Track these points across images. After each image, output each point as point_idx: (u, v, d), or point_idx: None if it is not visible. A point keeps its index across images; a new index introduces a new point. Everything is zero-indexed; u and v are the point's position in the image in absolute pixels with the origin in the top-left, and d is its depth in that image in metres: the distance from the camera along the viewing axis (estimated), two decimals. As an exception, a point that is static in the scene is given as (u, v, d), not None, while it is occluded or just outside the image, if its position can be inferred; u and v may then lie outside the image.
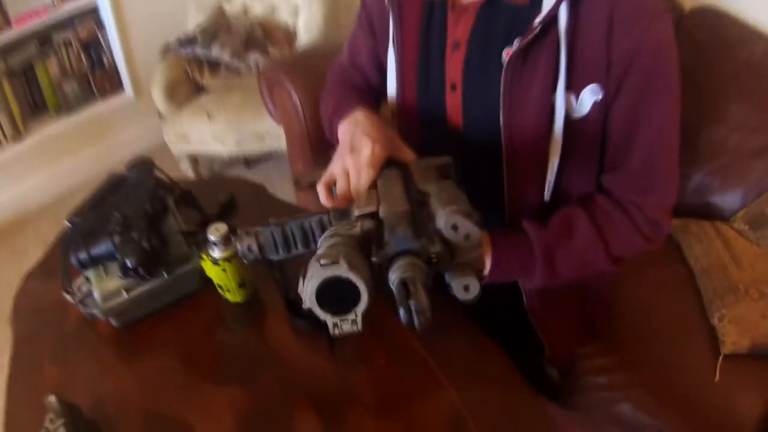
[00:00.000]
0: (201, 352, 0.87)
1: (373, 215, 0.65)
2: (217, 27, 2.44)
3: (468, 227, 0.57)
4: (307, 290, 0.54)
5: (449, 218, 0.57)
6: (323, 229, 0.70)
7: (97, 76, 2.75)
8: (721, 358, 1.22)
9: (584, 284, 1.09)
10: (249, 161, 2.87)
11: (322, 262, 0.53)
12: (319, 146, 1.82)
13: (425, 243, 0.56)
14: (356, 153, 0.82)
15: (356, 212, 0.66)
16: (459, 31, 0.92)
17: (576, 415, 1.27)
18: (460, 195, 0.64)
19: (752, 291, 1.31)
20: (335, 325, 0.57)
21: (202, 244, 0.87)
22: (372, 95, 1.14)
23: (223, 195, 1.13)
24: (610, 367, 1.21)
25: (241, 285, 0.90)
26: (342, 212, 0.72)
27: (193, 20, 2.57)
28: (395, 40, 0.99)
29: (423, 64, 0.98)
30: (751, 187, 1.53)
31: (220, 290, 0.91)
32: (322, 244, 0.61)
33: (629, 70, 0.81)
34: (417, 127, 1.03)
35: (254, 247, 0.74)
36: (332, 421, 0.77)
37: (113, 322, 0.87)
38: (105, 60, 2.75)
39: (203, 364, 0.85)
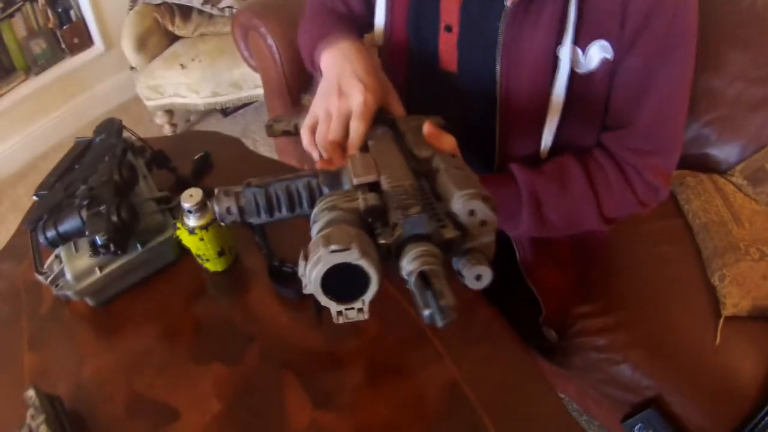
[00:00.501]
0: (182, 328, 0.82)
1: (373, 186, 0.59)
2: (188, -29, 2.30)
3: (486, 213, 0.52)
4: (312, 276, 0.49)
5: (467, 203, 0.52)
6: (311, 193, 0.64)
7: (66, 32, 2.60)
8: (722, 320, 1.21)
9: (579, 239, 1.07)
10: (226, 111, 2.78)
11: (333, 248, 0.48)
12: (298, 92, 1.76)
13: (438, 227, 0.51)
14: (344, 98, 0.75)
15: (354, 180, 0.59)
16: None
17: (574, 375, 1.28)
18: (471, 173, 0.58)
19: (752, 250, 1.29)
20: (339, 312, 0.52)
21: (177, 211, 0.82)
22: (356, 25, 1.05)
23: (198, 152, 1.07)
24: (608, 327, 1.20)
25: (221, 253, 0.85)
26: (332, 176, 0.65)
27: (162, -34, 2.42)
28: None
29: (416, 1, 0.91)
30: (750, 140, 1.50)
31: (198, 260, 0.86)
32: (319, 216, 0.55)
33: (647, 25, 0.76)
34: (405, 66, 0.98)
35: (234, 210, 0.66)
36: (323, 397, 0.74)
37: (89, 301, 0.82)
38: (72, 14, 2.60)
39: (185, 342, 0.80)
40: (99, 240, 0.70)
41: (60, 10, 2.55)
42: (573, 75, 0.81)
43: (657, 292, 1.27)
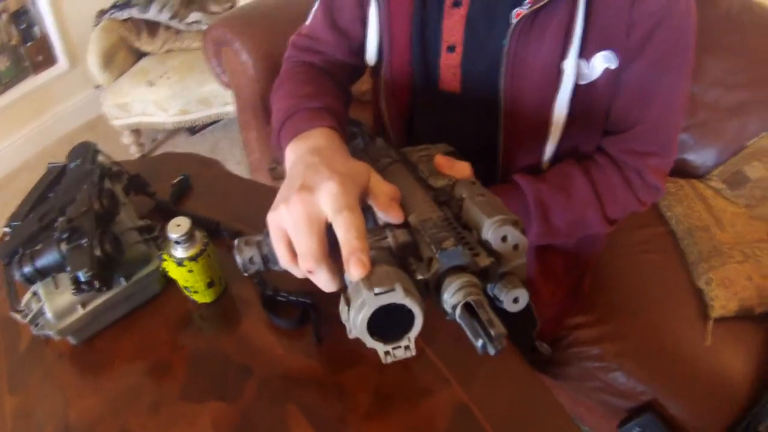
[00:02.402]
0: (172, 363, 0.76)
1: (401, 223, 0.57)
2: (154, -14, 2.24)
3: (518, 237, 0.52)
4: (358, 321, 0.48)
5: (499, 229, 0.52)
6: (331, 235, 0.58)
7: (29, 49, 2.51)
8: (711, 322, 1.22)
9: (572, 252, 1.07)
10: (194, 129, 2.71)
11: (377, 290, 0.47)
12: (271, 110, 1.70)
13: (473, 256, 0.50)
14: (309, 192, 0.54)
15: (380, 219, 0.58)
16: None
17: (568, 385, 1.26)
18: (495, 198, 0.57)
19: (736, 253, 1.31)
20: (387, 353, 0.51)
21: (162, 241, 0.76)
22: (347, 73, 1.02)
23: (175, 175, 1.01)
24: (601, 336, 1.21)
25: (211, 284, 0.79)
26: None
27: (128, -20, 2.36)
28: None
29: (418, 22, 0.88)
30: (727, 144, 1.53)
31: (186, 292, 0.80)
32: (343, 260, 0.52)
33: (653, 34, 0.76)
34: (408, 88, 0.94)
35: (257, 259, 0.64)
36: (329, 429, 0.69)
37: (71, 340, 0.75)
38: (37, 30, 2.50)
39: (177, 378, 0.74)
40: (82, 276, 0.64)
41: (24, 26, 2.46)
42: (576, 86, 0.81)
43: (646, 299, 1.29)
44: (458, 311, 0.48)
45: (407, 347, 0.52)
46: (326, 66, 0.99)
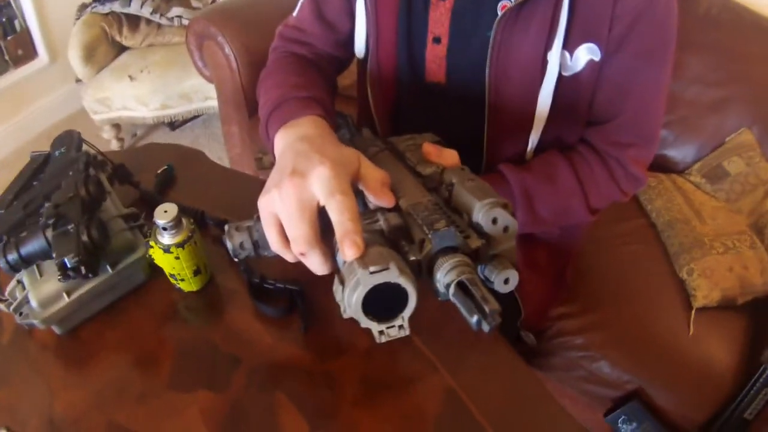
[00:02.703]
0: (159, 353, 0.75)
1: (392, 207, 0.58)
2: (136, -21, 2.21)
3: (507, 219, 0.53)
4: (353, 300, 0.48)
5: (489, 212, 0.53)
6: (324, 217, 0.58)
7: (10, 43, 2.45)
8: (693, 312, 1.24)
9: (554, 244, 1.08)
10: (174, 124, 2.68)
11: (372, 269, 0.47)
12: (255, 105, 1.66)
13: (464, 238, 0.51)
14: (300, 177, 0.54)
15: (370, 203, 0.58)
16: None
17: (553, 376, 1.27)
18: (484, 183, 0.58)
19: (717, 244, 1.34)
20: (381, 332, 0.52)
21: (146, 229, 0.75)
22: (333, 65, 1.02)
23: (159, 166, 1.00)
24: (585, 326, 1.23)
25: (197, 272, 0.78)
26: None
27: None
28: None
29: (405, 14, 0.88)
30: (706, 139, 1.57)
31: (172, 280, 0.78)
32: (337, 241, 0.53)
33: (635, 28, 0.78)
34: (394, 79, 0.94)
35: (248, 245, 0.64)
36: (320, 418, 0.68)
37: (56, 329, 0.74)
38: (17, 24, 2.44)
39: (164, 368, 0.73)
40: (69, 262, 0.62)
41: (4, 19, 2.40)
42: (560, 78, 0.82)
43: (629, 289, 1.31)
44: (452, 289, 0.49)
45: (401, 326, 0.52)
46: (313, 57, 0.99)
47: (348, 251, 0.49)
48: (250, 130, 1.72)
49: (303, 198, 0.53)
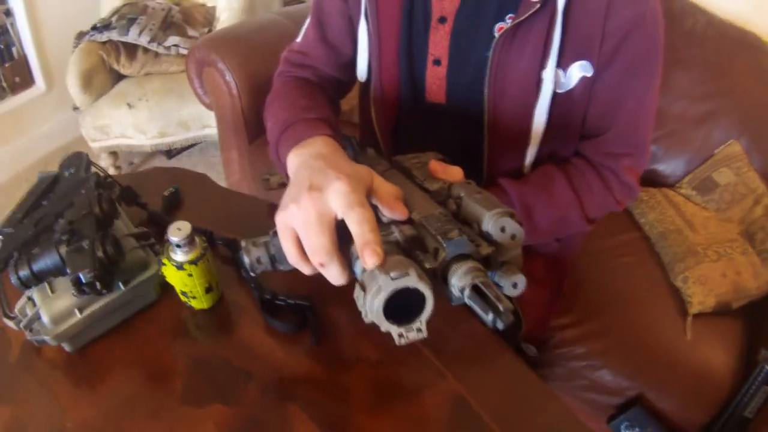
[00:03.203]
0: (172, 370, 0.74)
1: (407, 219, 0.60)
2: (134, 10, 2.24)
3: (515, 228, 0.56)
4: (375, 305, 0.50)
5: (498, 221, 0.56)
6: (338, 232, 0.61)
7: (7, 70, 2.45)
8: (690, 318, 1.25)
9: (551, 256, 1.10)
10: (171, 152, 2.69)
11: (393, 275, 0.50)
12: (255, 131, 1.70)
13: (476, 246, 0.54)
14: (318, 192, 0.56)
15: (383, 217, 0.60)
16: (446, 4, 0.87)
17: (555, 385, 1.27)
18: (491, 195, 0.62)
19: (710, 252, 1.36)
20: (400, 335, 0.54)
21: (159, 246, 0.75)
22: (336, 88, 1.04)
23: (165, 189, 1.00)
24: (585, 336, 1.24)
25: (209, 289, 0.78)
26: None
27: (108, 5, 2.35)
28: (371, 12, 0.90)
29: (406, 38, 0.90)
30: (694, 153, 1.59)
31: (183, 298, 0.78)
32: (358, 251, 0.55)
33: (625, 43, 0.80)
34: (396, 100, 0.96)
35: (264, 259, 0.64)
36: (333, 427, 0.68)
37: (66, 347, 0.73)
38: (15, 52, 2.45)
39: (177, 384, 0.72)
40: (84, 277, 0.62)
41: (1, 46, 2.40)
42: (554, 95, 0.84)
43: (626, 298, 1.32)
44: (467, 292, 0.51)
45: (419, 330, 0.54)
46: (317, 80, 1.01)
47: (369, 260, 0.51)
48: (250, 156, 1.72)
49: (322, 211, 0.54)
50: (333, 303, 0.82)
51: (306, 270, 0.59)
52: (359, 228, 0.52)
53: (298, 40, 1.04)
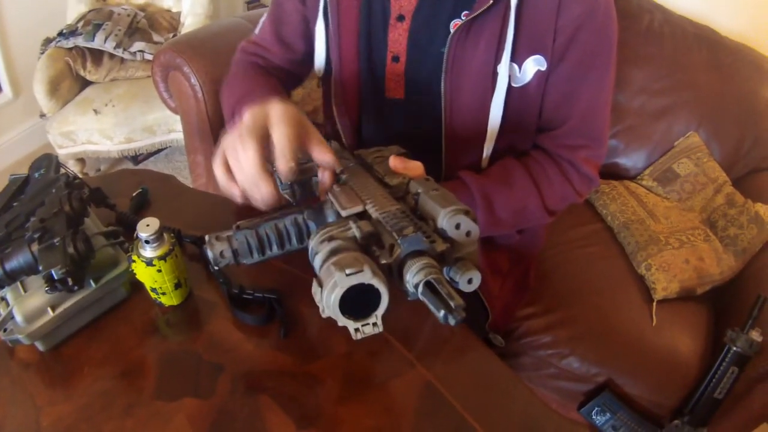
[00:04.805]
0: (144, 365, 0.76)
1: (361, 215, 0.63)
2: (100, 16, 2.23)
3: (470, 225, 0.58)
4: (331, 300, 0.53)
5: (452, 218, 0.58)
6: (298, 229, 0.68)
7: None
8: (654, 303, 1.30)
9: (514, 248, 1.13)
10: (137, 158, 2.69)
11: (348, 271, 0.52)
12: (219, 134, 1.70)
13: (430, 242, 0.56)
14: (255, 119, 0.62)
15: (342, 213, 0.63)
16: (404, 2, 0.90)
17: (524, 376, 1.31)
18: (447, 192, 0.64)
19: (672, 240, 1.41)
20: (357, 330, 0.56)
21: (128, 244, 0.77)
22: (289, 79, 1.08)
23: (133, 190, 1.03)
24: (551, 324, 1.27)
25: (178, 285, 0.80)
26: (317, 211, 0.69)
27: (74, 11, 2.35)
28: (330, 7, 0.94)
29: (365, 35, 0.94)
30: (654, 146, 1.65)
31: (153, 294, 0.80)
32: (319, 248, 0.59)
33: (576, 37, 0.84)
34: (357, 96, 1.00)
35: (228, 253, 0.68)
36: (305, 417, 0.71)
37: (39, 346, 0.74)
38: None
39: (150, 379, 0.74)
40: (56, 274, 0.64)
41: None
42: (510, 89, 0.87)
43: (591, 287, 1.36)
44: (420, 288, 0.53)
45: (375, 324, 0.56)
46: (272, 71, 1.06)
47: (281, 167, 0.60)
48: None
49: (249, 125, 0.60)
50: (300, 296, 0.85)
51: (236, 195, 0.65)
52: (280, 140, 0.60)
53: (256, 31, 1.08)
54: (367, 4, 0.93)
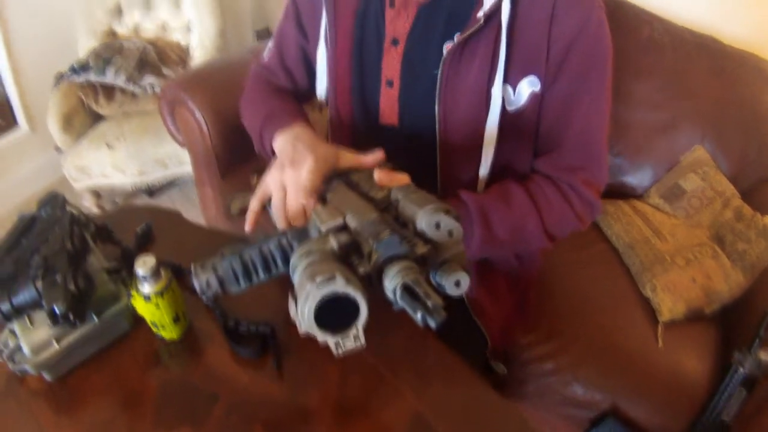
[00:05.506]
0: (144, 395, 0.83)
1: (342, 228, 0.63)
2: (110, 50, 2.35)
3: (450, 223, 0.58)
4: (305, 312, 0.52)
5: (431, 217, 0.58)
6: (284, 251, 0.68)
7: None
8: (660, 325, 1.31)
9: (512, 272, 1.14)
10: (152, 190, 2.78)
11: (318, 279, 0.51)
12: (227, 166, 1.80)
13: (410, 246, 0.56)
14: (296, 167, 0.79)
15: (322, 228, 0.63)
16: (398, 27, 0.93)
17: (528, 403, 1.32)
18: (427, 194, 0.65)
19: (678, 259, 1.40)
20: (337, 344, 0.55)
21: (130, 280, 0.84)
22: (299, 99, 1.15)
23: (139, 226, 1.10)
24: (554, 351, 1.27)
25: (176, 319, 0.87)
26: (300, 232, 0.69)
27: (84, 45, 2.48)
28: (328, 35, 0.99)
29: (358, 59, 0.98)
30: (659, 162, 1.64)
31: (153, 328, 0.88)
32: (298, 263, 0.58)
33: (570, 52, 0.85)
34: (350, 124, 1.04)
35: (213, 282, 0.69)
36: (294, 446, 0.76)
37: (46, 375, 0.82)
38: None
39: (149, 408, 0.81)
40: (58, 309, 0.72)
41: None
42: (504, 112, 0.89)
43: (595, 309, 1.36)
44: (398, 293, 0.52)
45: (356, 337, 0.55)
46: (282, 92, 1.15)
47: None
48: (223, 191, 1.82)
49: (297, 180, 0.78)
50: (294, 328, 0.90)
51: (281, 223, 0.81)
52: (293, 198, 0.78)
53: (264, 55, 1.18)
54: (361, 29, 0.97)
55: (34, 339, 0.79)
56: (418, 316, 0.51)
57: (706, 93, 1.61)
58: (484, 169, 0.95)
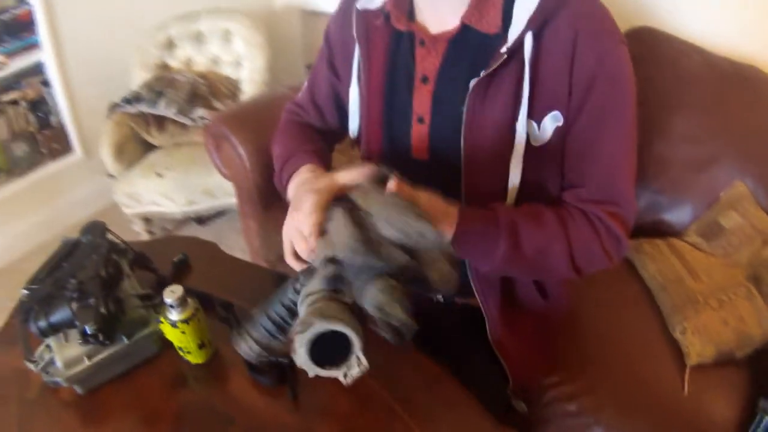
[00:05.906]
0: (164, 414, 0.91)
1: (333, 259, 0.65)
2: (162, 83, 2.49)
3: (415, 225, 0.60)
4: (302, 361, 0.57)
5: (392, 224, 0.60)
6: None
7: (46, 136, 2.72)
8: (688, 370, 1.28)
9: (540, 311, 1.15)
10: (201, 219, 2.89)
11: (298, 329, 0.56)
12: (269, 200, 1.86)
13: (387, 260, 0.58)
14: (300, 211, 0.83)
15: (315, 263, 0.67)
16: (428, 65, 0.98)
17: None
18: (396, 200, 0.66)
19: (711, 300, 1.37)
20: (345, 375, 0.58)
21: (160, 307, 0.92)
22: (327, 137, 1.22)
23: (176, 255, 1.19)
24: (577, 393, 1.26)
25: (201, 346, 0.95)
26: (310, 270, 0.73)
27: (138, 77, 2.63)
28: (362, 74, 1.04)
29: (389, 97, 1.03)
30: (699, 198, 1.60)
31: (180, 352, 0.96)
32: (301, 309, 0.62)
33: (592, 87, 0.87)
34: (379, 159, 1.09)
35: (255, 347, 0.78)
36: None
37: (77, 389, 0.91)
38: (52, 120, 2.73)
39: (167, 427, 0.89)
40: (88, 329, 0.81)
41: (41, 114, 2.66)
42: (529, 147, 0.92)
43: (621, 352, 1.34)
44: (377, 316, 0.56)
45: (358, 362, 0.58)
46: (312, 129, 1.23)
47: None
48: (266, 224, 1.89)
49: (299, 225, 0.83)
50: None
51: (293, 264, 0.90)
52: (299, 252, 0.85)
53: (300, 94, 1.26)
54: (393, 66, 1.02)
55: (67, 354, 0.88)
56: (389, 335, 0.55)
57: (747, 126, 1.57)
58: (510, 200, 0.98)
